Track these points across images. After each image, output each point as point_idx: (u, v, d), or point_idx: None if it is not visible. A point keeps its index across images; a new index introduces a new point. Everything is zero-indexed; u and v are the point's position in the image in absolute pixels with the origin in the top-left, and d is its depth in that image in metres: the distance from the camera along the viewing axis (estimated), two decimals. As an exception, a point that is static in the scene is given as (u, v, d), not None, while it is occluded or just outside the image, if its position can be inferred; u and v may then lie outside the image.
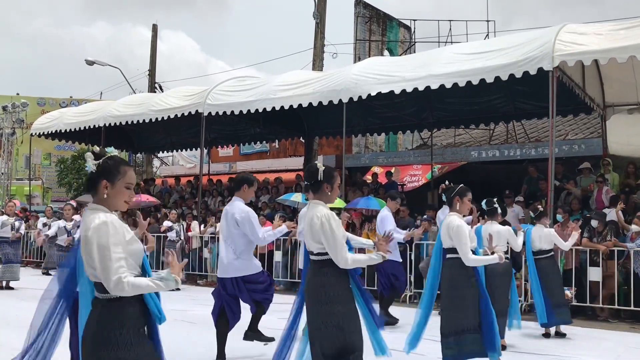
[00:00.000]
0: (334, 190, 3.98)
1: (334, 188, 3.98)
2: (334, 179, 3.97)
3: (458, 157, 16.72)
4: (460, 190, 5.19)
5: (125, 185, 2.81)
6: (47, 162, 32.99)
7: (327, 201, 3.96)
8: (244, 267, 5.70)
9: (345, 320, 3.70)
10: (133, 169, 2.87)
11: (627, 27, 9.04)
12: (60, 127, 16.75)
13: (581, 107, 11.99)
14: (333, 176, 3.97)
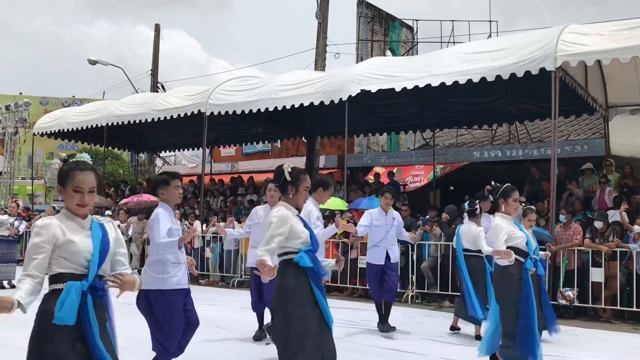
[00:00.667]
0: (298, 192, 3.91)
1: (298, 190, 3.91)
2: (300, 181, 3.91)
3: (460, 157, 16.71)
4: (505, 191, 5.06)
5: (74, 188, 2.85)
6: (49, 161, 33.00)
7: (291, 203, 3.91)
8: None
9: (298, 324, 3.63)
10: (90, 172, 2.90)
11: (630, 28, 9.02)
12: (63, 127, 16.78)
13: (584, 107, 11.97)
14: (299, 179, 3.91)
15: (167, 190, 4.66)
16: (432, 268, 10.31)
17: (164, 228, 4.49)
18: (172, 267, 4.50)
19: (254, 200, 15.07)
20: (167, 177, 4.74)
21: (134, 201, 14.59)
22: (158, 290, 4.45)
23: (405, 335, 7.19)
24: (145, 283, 4.41)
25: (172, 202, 4.71)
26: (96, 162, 25.38)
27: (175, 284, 4.51)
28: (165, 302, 4.46)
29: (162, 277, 4.48)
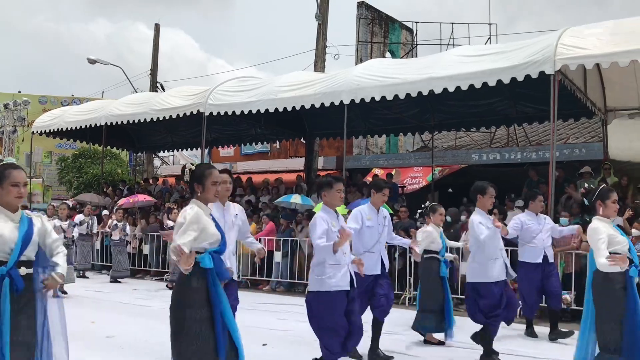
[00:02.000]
0: (206, 189, 3.81)
1: (205, 187, 3.80)
2: (204, 177, 3.80)
3: (459, 159, 16.72)
4: (601, 193, 4.73)
5: (11, 184, 3.41)
6: (47, 160, 32.97)
7: (202, 200, 3.83)
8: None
9: (191, 325, 3.56)
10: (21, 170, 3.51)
11: (629, 31, 9.03)
12: (62, 126, 16.77)
13: (582, 111, 11.99)
14: (204, 175, 3.82)
15: (329, 192, 4.82)
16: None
17: (320, 230, 4.63)
18: (331, 269, 4.64)
19: (252, 201, 15.07)
20: (331, 179, 4.87)
21: (130, 202, 14.58)
22: (317, 292, 4.67)
23: (402, 338, 7.19)
24: (310, 284, 4.82)
25: (334, 204, 4.85)
26: (95, 161, 25.42)
27: (334, 286, 4.63)
28: (323, 303, 4.63)
29: (321, 278, 4.65)
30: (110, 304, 9.27)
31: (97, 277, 13.52)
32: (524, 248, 7.30)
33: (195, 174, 3.84)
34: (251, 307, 9.45)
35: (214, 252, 3.73)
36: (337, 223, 4.79)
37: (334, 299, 4.61)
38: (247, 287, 12.20)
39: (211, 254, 3.70)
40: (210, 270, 3.66)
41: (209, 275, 3.65)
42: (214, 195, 3.86)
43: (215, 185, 3.83)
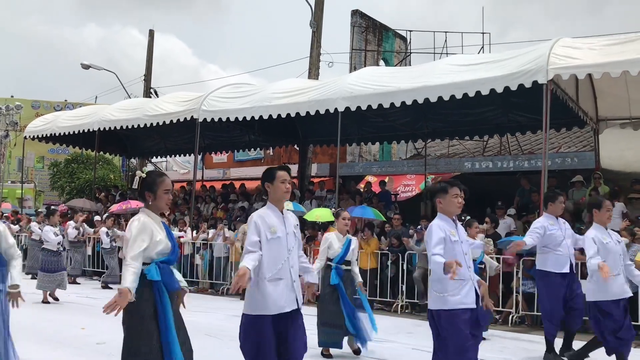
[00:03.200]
0: (157, 197, 3.68)
1: (157, 195, 3.67)
2: (156, 185, 3.68)
3: (451, 167, 16.77)
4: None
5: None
6: (40, 165, 32.85)
7: (153, 209, 3.71)
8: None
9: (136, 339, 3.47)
10: None
11: (621, 42, 9.12)
12: (54, 131, 16.71)
13: (574, 120, 12.06)
14: (155, 183, 3.69)
15: (445, 198, 4.36)
16: (423, 278, 10.32)
17: (436, 238, 4.20)
18: (453, 285, 4.15)
19: (245, 207, 15.05)
20: (446, 184, 4.45)
21: (122, 208, 14.53)
22: (440, 310, 4.21)
23: (395, 345, 7.18)
24: (430, 302, 4.34)
25: (450, 211, 4.37)
26: (87, 167, 25.35)
27: (458, 303, 4.17)
28: (446, 322, 4.18)
29: (443, 295, 4.20)
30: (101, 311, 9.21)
31: (89, 283, 13.44)
32: (547, 256, 6.35)
33: (147, 182, 3.70)
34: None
35: (162, 263, 3.60)
36: (456, 232, 4.34)
37: (458, 318, 4.14)
38: (237, 295, 12.15)
39: (158, 265, 3.57)
40: (156, 283, 3.51)
41: (155, 288, 3.51)
42: (165, 204, 3.73)
43: (167, 193, 3.71)
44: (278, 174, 4.02)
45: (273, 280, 3.88)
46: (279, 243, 3.94)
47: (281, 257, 3.94)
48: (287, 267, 3.95)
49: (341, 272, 6.41)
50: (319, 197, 14.66)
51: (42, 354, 6.25)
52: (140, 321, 3.47)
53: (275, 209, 4.04)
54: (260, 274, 3.88)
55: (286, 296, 3.91)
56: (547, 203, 6.50)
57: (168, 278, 3.60)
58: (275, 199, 4.06)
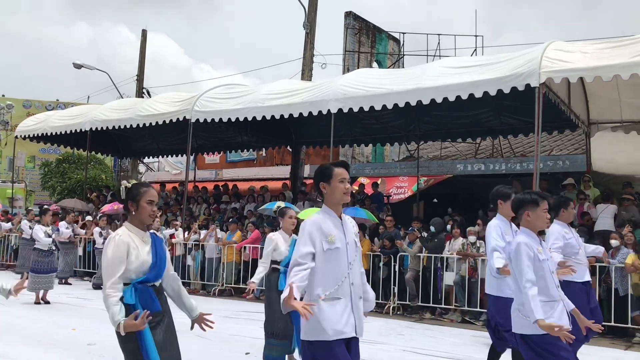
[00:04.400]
0: (140, 208, 3.49)
1: (140, 206, 3.48)
2: (139, 196, 3.50)
3: (444, 169, 16.81)
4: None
5: None
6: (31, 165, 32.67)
7: (134, 222, 3.52)
8: None
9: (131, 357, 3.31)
10: None
11: (613, 46, 9.18)
12: (46, 130, 16.62)
13: (566, 123, 12.12)
14: (138, 193, 3.51)
15: (534, 212, 3.95)
16: (415, 280, 10.35)
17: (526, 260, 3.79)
18: (544, 308, 3.74)
19: (237, 209, 15.03)
20: (537, 197, 4.00)
21: (114, 208, 14.46)
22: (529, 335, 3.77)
23: (386, 347, 7.19)
24: (516, 326, 3.91)
25: (538, 227, 3.98)
26: (79, 167, 25.23)
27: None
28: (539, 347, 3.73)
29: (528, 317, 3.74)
30: (92, 311, 9.17)
31: (80, 284, 13.38)
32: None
33: (131, 192, 3.55)
34: (235, 315, 9.42)
35: (140, 283, 3.40)
36: (543, 249, 3.94)
37: (555, 343, 3.69)
38: (231, 295, 12.14)
39: (135, 287, 3.37)
40: (132, 307, 3.31)
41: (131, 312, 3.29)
42: (148, 216, 3.53)
43: (150, 204, 3.52)
44: (335, 171, 3.35)
45: (329, 300, 3.23)
46: (337, 255, 3.28)
47: (341, 272, 3.28)
48: (347, 284, 3.28)
49: None
50: (311, 198, 14.65)
51: (33, 355, 6.21)
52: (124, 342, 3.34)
53: (333, 214, 3.37)
54: (314, 292, 3.24)
55: (345, 320, 3.24)
56: (560, 209, 5.84)
57: (146, 301, 3.35)
58: (332, 201, 3.38)
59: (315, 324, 3.19)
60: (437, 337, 8.13)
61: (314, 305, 3.14)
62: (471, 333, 8.62)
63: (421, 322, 9.59)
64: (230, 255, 12.30)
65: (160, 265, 3.49)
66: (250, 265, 11.62)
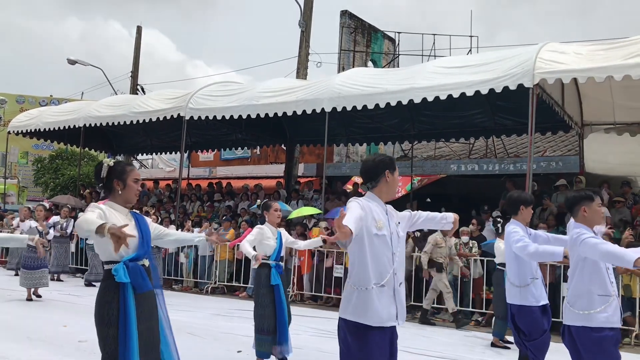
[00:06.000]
0: (127, 186, 3.41)
1: (127, 184, 3.41)
2: (125, 174, 3.41)
3: (438, 169, 16.84)
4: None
5: None
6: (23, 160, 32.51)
7: (120, 201, 3.41)
8: None
9: (111, 345, 3.23)
10: None
11: (606, 48, 9.23)
12: (39, 126, 16.55)
13: (560, 124, 12.17)
14: (124, 171, 3.43)
15: (590, 208, 3.92)
16: (407, 279, 10.36)
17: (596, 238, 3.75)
18: (601, 301, 3.76)
19: (231, 206, 15.01)
20: (592, 193, 4.01)
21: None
22: (584, 327, 3.76)
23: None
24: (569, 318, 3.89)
25: (595, 222, 3.96)
26: (72, 163, 25.14)
27: (605, 322, 3.74)
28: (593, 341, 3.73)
29: (589, 313, 3.76)
30: (83, 308, 9.14)
31: (72, 280, 13.33)
32: None
33: (116, 170, 3.43)
34: (227, 313, 9.41)
35: (130, 261, 3.31)
36: None
37: (605, 338, 3.71)
38: (224, 293, 12.12)
39: (126, 264, 3.29)
40: (123, 285, 3.25)
41: (122, 291, 3.25)
42: (134, 195, 3.46)
43: (136, 183, 3.46)
44: (397, 169, 3.56)
45: (377, 286, 3.24)
46: (384, 242, 3.29)
47: (386, 260, 3.28)
48: (391, 273, 3.28)
49: (281, 270, 5.76)
50: (305, 197, 14.66)
51: (23, 352, 6.18)
52: (106, 326, 3.25)
53: (379, 201, 3.42)
54: (362, 277, 3.25)
55: (387, 309, 3.24)
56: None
57: (137, 279, 3.29)
58: (383, 192, 3.46)
59: (361, 306, 3.21)
60: (429, 336, 8.14)
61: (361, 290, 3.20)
62: (463, 333, 8.64)
63: (413, 321, 9.59)
64: (223, 254, 12.29)
65: (146, 241, 3.43)
66: (243, 264, 11.60)
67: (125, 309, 3.23)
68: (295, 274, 11.35)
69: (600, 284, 3.77)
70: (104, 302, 3.28)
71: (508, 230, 4.94)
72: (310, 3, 16.58)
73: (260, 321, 5.65)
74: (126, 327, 3.20)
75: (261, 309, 5.65)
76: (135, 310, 3.25)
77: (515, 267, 5.11)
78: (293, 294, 11.25)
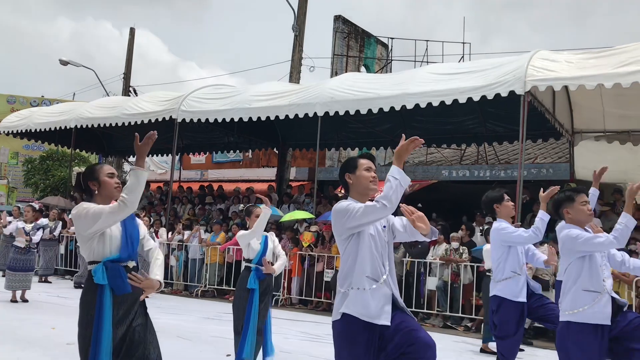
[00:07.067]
0: (102, 183, 3.35)
1: (101, 181, 3.35)
2: (96, 172, 3.38)
3: (429, 175, 16.89)
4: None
5: None
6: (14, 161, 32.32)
7: (101, 200, 3.33)
8: None
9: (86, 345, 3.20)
10: None
11: (597, 56, 9.30)
12: (30, 127, 16.45)
13: (551, 132, 12.25)
14: (94, 170, 3.40)
15: (572, 207, 3.97)
16: (398, 282, 10.36)
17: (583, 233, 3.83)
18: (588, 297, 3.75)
19: (223, 209, 14.98)
20: (571, 193, 4.05)
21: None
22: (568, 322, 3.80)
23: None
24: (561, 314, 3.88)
25: (581, 221, 3.95)
26: (62, 164, 25.01)
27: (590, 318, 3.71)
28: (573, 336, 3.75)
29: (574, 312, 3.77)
30: (72, 310, 9.04)
31: (61, 282, 13.25)
32: None
33: (86, 173, 3.38)
34: (217, 316, 9.38)
35: (110, 262, 3.24)
36: None
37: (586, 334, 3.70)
38: (214, 296, 12.09)
39: (105, 265, 3.22)
40: (101, 287, 3.18)
41: (99, 292, 3.18)
42: (114, 189, 3.36)
43: (112, 177, 3.39)
44: (360, 161, 3.50)
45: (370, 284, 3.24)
46: (372, 242, 3.31)
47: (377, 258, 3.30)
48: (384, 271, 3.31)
49: (262, 275, 5.65)
50: (297, 201, 14.66)
51: (10, 354, 6.13)
52: (84, 327, 3.23)
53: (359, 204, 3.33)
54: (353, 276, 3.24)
55: (381, 307, 3.21)
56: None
57: (115, 280, 3.20)
58: (359, 191, 3.48)
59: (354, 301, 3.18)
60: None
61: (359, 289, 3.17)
62: (453, 338, 8.65)
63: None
64: (213, 257, 12.25)
65: (132, 242, 3.32)
66: (234, 267, 11.58)
67: (100, 311, 3.16)
68: (286, 278, 11.34)
69: (590, 282, 3.75)
70: (84, 302, 3.25)
71: (495, 227, 5.00)
72: (304, 7, 16.62)
73: (235, 323, 5.61)
74: (99, 329, 3.14)
75: (235, 310, 5.63)
76: (112, 312, 3.18)
77: (498, 260, 5.16)
78: (283, 298, 11.24)
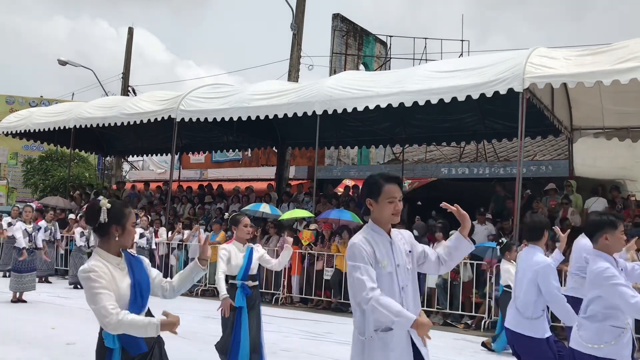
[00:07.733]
0: (126, 231, 2.98)
1: (126, 229, 2.98)
2: (124, 217, 2.98)
3: (428, 173, 16.89)
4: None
5: None
6: (13, 161, 32.31)
7: (114, 249, 2.97)
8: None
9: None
10: None
11: (595, 53, 9.30)
12: (29, 127, 16.45)
13: (550, 129, 12.25)
14: (123, 215, 2.98)
15: (613, 235, 3.61)
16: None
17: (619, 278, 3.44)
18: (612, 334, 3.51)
19: (222, 209, 14.97)
20: (615, 219, 3.68)
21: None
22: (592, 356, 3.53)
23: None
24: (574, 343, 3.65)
25: (616, 250, 3.67)
26: (62, 164, 24.99)
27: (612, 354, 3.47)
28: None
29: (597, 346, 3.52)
30: (71, 310, 9.10)
31: (60, 283, 13.25)
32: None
33: (113, 213, 2.96)
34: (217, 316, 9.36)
35: None
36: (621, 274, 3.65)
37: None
38: (214, 295, 12.08)
39: None
40: (110, 350, 2.91)
41: (108, 356, 2.92)
42: (132, 239, 3.08)
43: (134, 227, 3.07)
44: (385, 189, 2.93)
45: (382, 332, 2.87)
46: (389, 280, 2.88)
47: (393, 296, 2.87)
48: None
49: (248, 291, 5.33)
50: (296, 199, 14.65)
51: (11, 354, 6.14)
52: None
53: (381, 232, 2.96)
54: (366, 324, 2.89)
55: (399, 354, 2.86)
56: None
57: (128, 341, 2.89)
58: (380, 220, 2.98)
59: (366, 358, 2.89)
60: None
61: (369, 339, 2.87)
62: (453, 336, 8.66)
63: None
64: (213, 256, 12.21)
65: (141, 295, 3.00)
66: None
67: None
68: (285, 277, 11.34)
69: (615, 316, 3.51)
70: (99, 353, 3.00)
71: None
72: (302, 6, 16.60)
73: (220, 342, 5.42)
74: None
75: (223, 327, 5.42)
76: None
77: (531, 296, 4.46)
78: (283, 297, 11.25)
